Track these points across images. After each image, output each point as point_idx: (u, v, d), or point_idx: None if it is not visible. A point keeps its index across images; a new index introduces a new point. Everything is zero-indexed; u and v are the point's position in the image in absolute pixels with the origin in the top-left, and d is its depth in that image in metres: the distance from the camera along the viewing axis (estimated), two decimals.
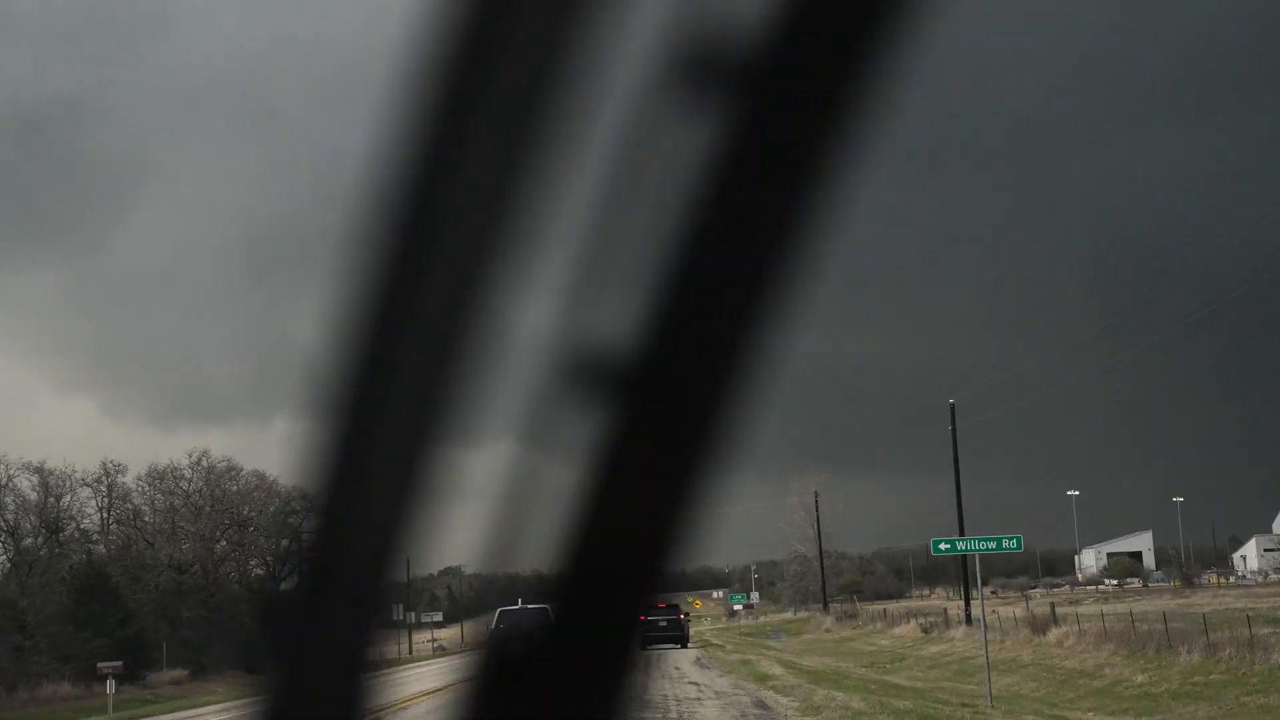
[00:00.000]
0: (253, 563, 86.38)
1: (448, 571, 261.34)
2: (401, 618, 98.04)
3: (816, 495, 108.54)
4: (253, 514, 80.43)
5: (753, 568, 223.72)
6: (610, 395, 1.02)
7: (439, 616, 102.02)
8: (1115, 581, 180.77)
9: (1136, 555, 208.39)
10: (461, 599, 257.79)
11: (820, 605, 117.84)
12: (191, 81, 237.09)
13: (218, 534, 75.59)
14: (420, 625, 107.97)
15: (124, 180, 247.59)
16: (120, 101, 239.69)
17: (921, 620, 69.33)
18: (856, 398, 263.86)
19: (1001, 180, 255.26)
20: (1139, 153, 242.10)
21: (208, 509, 74.45)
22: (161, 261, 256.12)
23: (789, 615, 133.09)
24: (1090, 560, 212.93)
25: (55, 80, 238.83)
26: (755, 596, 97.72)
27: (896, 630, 72.61)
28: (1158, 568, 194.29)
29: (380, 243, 1.01)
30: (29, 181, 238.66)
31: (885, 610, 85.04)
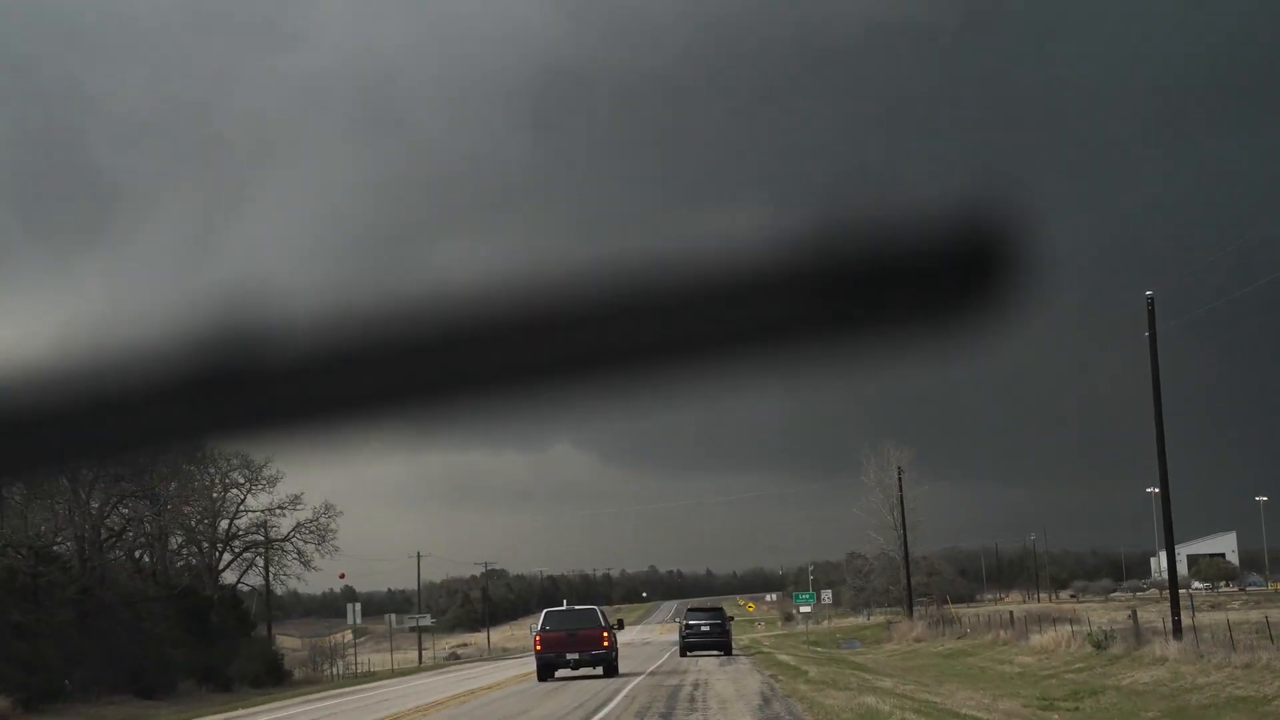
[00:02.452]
0: (179, 547, 64.04)
1: (493, 574, 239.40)
2: (352, 621, 74.83)
3: (900, 473, 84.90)
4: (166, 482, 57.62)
5: (810, 568, 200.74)
6: None
7: (427, 621, 78.86)
8: (1206, 585, 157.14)
9: (1218, 557, 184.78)
10: (502, 601, 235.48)
11: (901, 608, 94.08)
12: (313, 93, 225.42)
13: (107, 509, 53.07)
14: (401, 630, 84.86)
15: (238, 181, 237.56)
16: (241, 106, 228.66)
17: (1088, 629, 45.74)
18: (917, 399, 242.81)
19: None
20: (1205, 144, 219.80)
21: (90, 472, 51.78)
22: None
23: (860, 620, 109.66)
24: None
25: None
26: (827, 596, 74.25)
27: (1034, 641, 49.11)
28: (1242, 570, 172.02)
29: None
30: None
31: (1011, 615, 61.18)
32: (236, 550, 65.49)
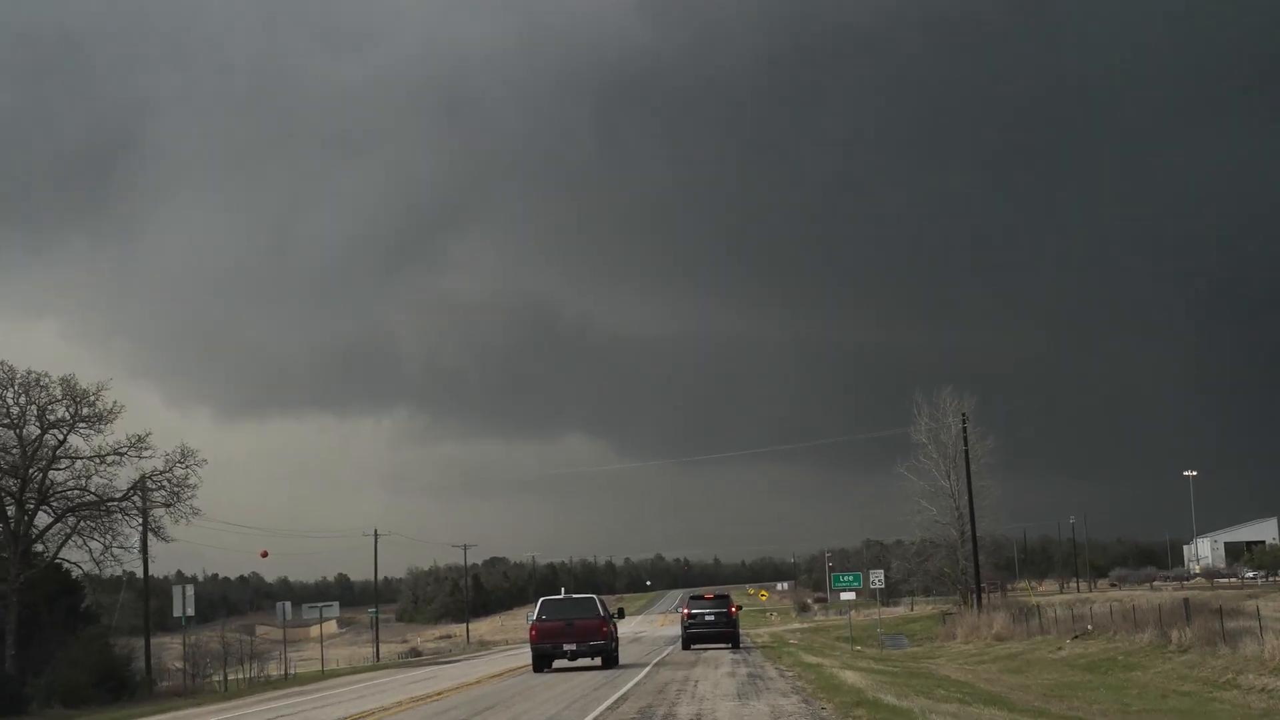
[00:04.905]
0: None
1: (493, 561, 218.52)
2: (181, 611, 52.76)
3: (965, 420, 63.98)
4: None
5: (826, 555, 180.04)
6: None
7: (334, 609, 57.87)
8: (1261, 573, 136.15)
9: (1259, 544, 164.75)
10: (496, 590, 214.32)
11: (953, 596, 73.23)
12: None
13: None
14: (302, 623, 64.21)
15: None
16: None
17: None
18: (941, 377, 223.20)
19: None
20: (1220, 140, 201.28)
21: None
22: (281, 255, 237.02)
23: (901, 610, 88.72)
24: (1206, 550, 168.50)
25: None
26: (878, 578, 53.29)
27: (1263, 651, 28.22)
28: None
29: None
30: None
31: (1186, 604, 39.82)
32: (57, 512, 44.58)
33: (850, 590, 53.38)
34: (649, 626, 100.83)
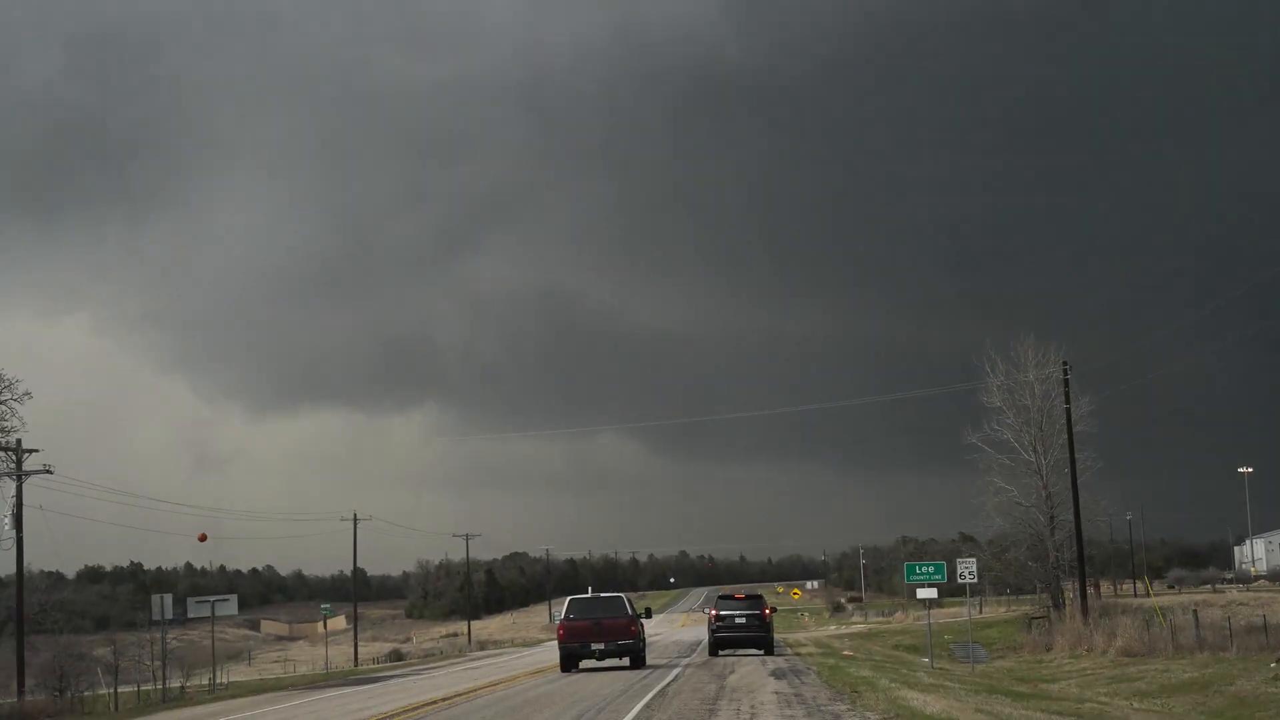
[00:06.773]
0: None
1: (514, 556, 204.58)
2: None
3: (1067, 370, 49.56)
4: None
5: (861, 552, 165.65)
6: None
7: (230, 605, 43.84)
8: None
9: None
10: (511, 585, 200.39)
11: (1035, 595, 59.01)
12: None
13: None
14: (186, 619, 50.28)
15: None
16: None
17: None
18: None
19: None
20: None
21: None
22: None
23: (965, 612, 73.89)
24: (1260, 551, 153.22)
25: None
26: (969, 569, 39.08)
27: None
28: None
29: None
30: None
31: None
32: None
33: (931, 586, 39.10)
34: (667, 628, 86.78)
